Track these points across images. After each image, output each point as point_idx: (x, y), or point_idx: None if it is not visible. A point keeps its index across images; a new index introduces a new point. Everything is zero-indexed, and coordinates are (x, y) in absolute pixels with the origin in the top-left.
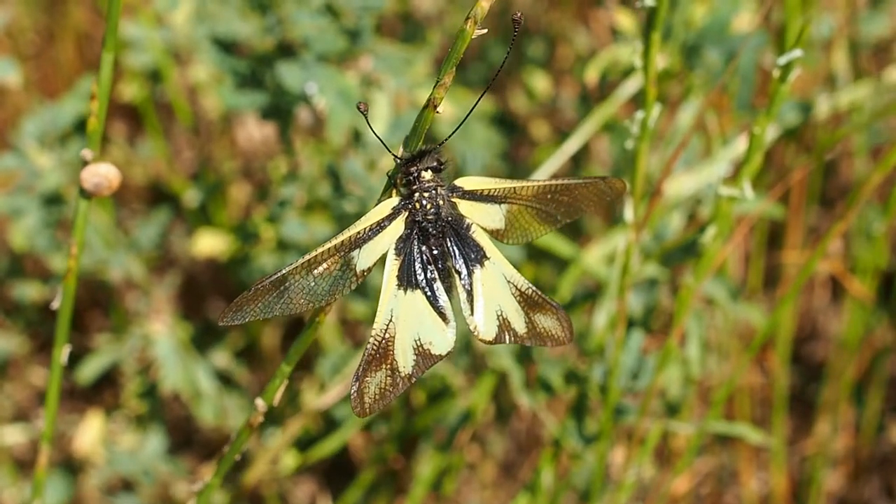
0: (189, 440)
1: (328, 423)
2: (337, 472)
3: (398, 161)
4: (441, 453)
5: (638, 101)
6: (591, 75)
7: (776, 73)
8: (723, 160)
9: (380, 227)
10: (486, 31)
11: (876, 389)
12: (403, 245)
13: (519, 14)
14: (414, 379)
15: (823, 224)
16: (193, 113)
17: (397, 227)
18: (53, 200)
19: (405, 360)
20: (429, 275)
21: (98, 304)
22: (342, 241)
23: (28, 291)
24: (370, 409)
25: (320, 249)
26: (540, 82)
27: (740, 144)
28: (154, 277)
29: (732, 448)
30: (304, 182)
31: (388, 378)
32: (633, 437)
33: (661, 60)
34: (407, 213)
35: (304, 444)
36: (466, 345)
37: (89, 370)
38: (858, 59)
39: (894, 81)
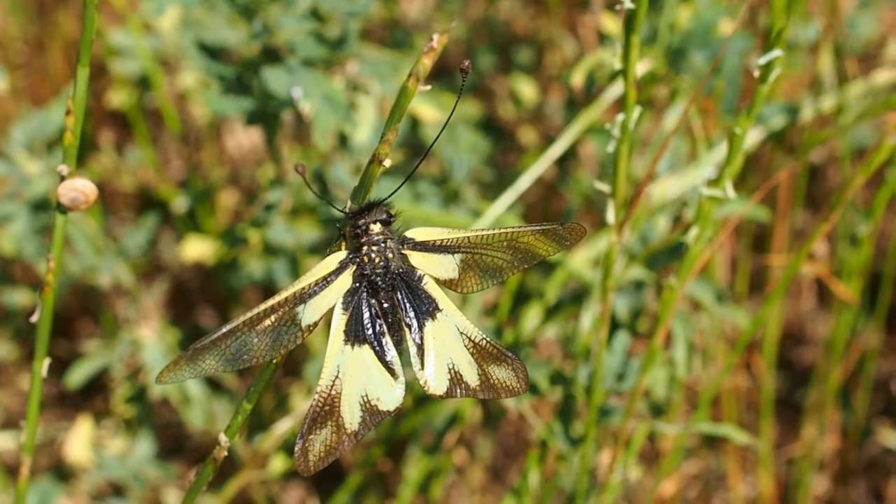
0: (179, 445)
1: None
2: (325, 476)
3: (345, 214)
4: (429, 456)
5: (622, 104)
6: (577, 79)
7: (757, 74)
8: (707, 163)
9: (326, 281)
10: (429, 87)
11: (862, 393)
12: (351, 299)
13: (467, 63)
14: (360, 436)
15: (810, 228)
16: (182, 120)
17: (344, 281)
18: (41, 207)
19: (351, 417)
20: (377, 329)
21: (87, 310)
22: (286, 297)
23: (17, 298)
24: (314, 466)
25: (263, 306)
26: (527, 89)
27: (725, 147)
28: (143, 284)
29: (719, 451)
30: (290, 187)
31: (334, 435)
32: (618, 439)
33: (646, 64)
34: (355, 267)
35: (292, 448)
36: None
37: (78, 376)
38: (844, 63)
39: (880, 84)
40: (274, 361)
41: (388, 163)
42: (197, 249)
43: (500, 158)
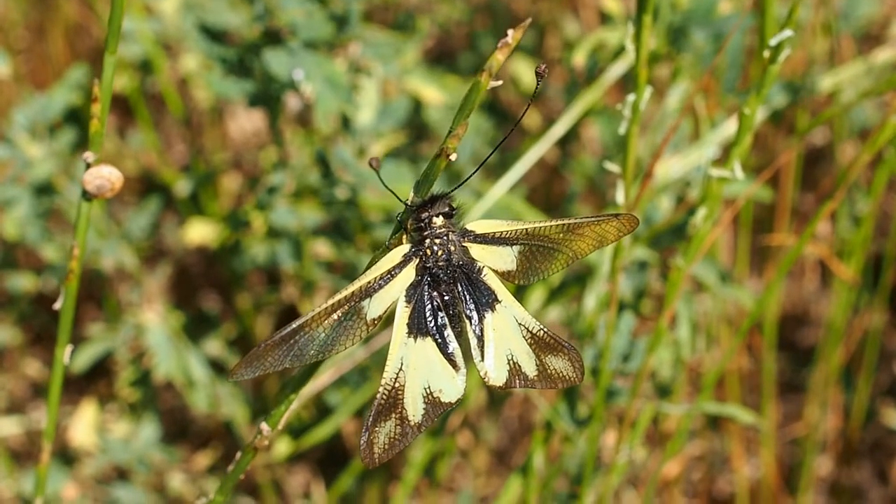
0: (183, 429)
1: (321, 410)
2: (330, 460)
3: (409, 207)
4: (433, 438)
5: (625, 84)
6: (579, 59)
7: (766, 54)
8: (711, 143)
9: (390, 275)
10: (500, 82)
11: (865, 373)
12: (414, 292)
13: (543, 66)
14: (423, 428)
15: (807, 208)
16: (184, 104)
17: (408, 275)
18: (44, 190)
19: (415, 409)
20: (439, 321)
21: (91, 294)
22: (353, 292)
23: (21, 283)
24: (380, 459)
25: (331, 301)
26: (527, 72)
27: (729, 127)
28: (146, 267)
29: (723, 432)
30: (293, 170)
31: (398, 427)
32: (624, 420)
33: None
34: (418, 260)
35: (297, 431)
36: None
37: (83, 360)
38: (847, 43)
39: (882, 63)
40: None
41: (454, 157)
42: (200, 233)
43: (504, 141)
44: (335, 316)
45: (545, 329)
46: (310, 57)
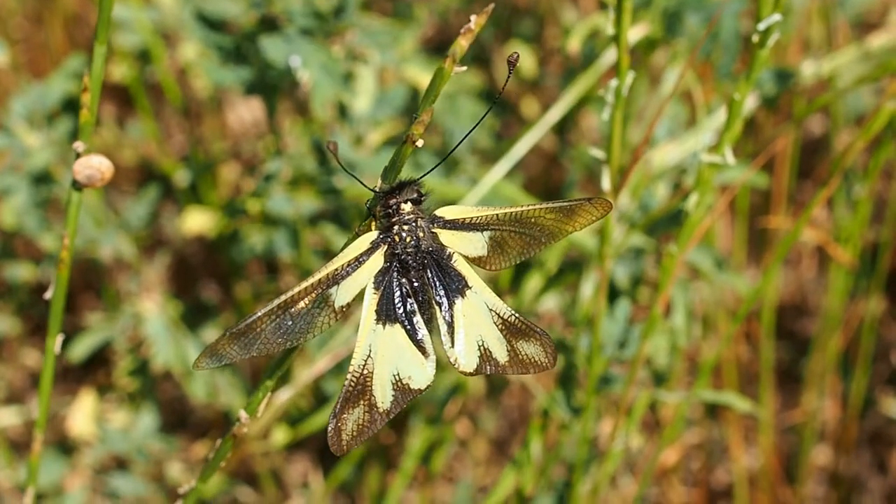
0: (182, 418)
1: (318, 399)
2: (329, 449)
3: (377, 193)
4: (431, 425)
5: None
6: (573, 45)
7: (755, 39)
8: (707, 129)
9: (358, 262)
10: (465, 68)
11: (863, 361)
12: (382, 278)
13: (516, 55)
14: (392, 415)
15: (802, 195)
16: (183, 94)
17: (376, 261)
18: (42, 179)
19: (383, 396)
20: (408, 308)
21: (89, 284)
22: (319, 279)
23: (19, 272)
24: (348, 445)
25: (297, 288)
26: (526, 60)
27: (723, 113)
28: (145, 257)
29: (721, 421)
30: (290, 158)
31: (367, 414)
32: (620, 407)
33: (642, 28)
34: (386, 247)
35: (295, 420)
36: None
37: (81, 349)
38: (844, 30)
39: (878, 48)
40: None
41: (420, 143)
42: (198, 222)
43: (503, 130)
44: (302, 304)
45: (516, 315)
46: (306, 44)
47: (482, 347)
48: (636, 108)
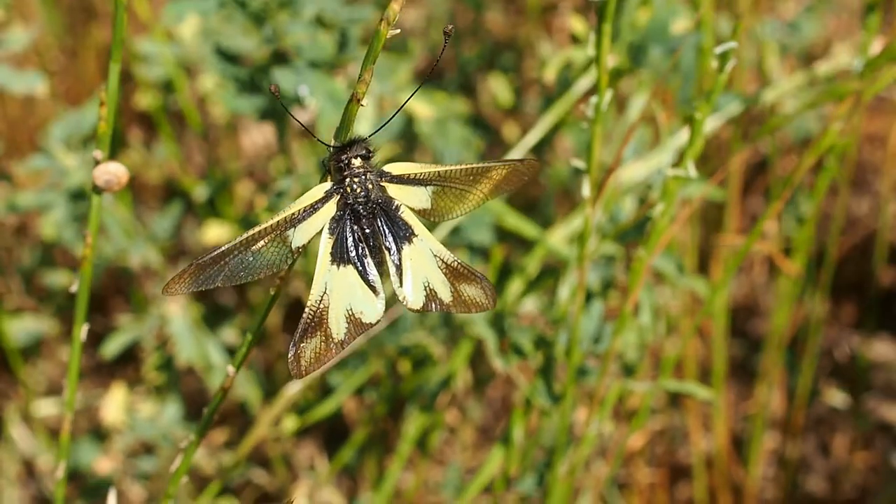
0: (203, 409)
1: (324, 391)
2: (333, 434)
3: (330, 149)
4: (424, 413)
5: (592, 94)
6: (549, 74)
7: (714, 64)
8: (669, 148)
9: (313, 208)
10: (399, 31)
11: (809, 358)
12: (336, 225)
13: (450, 27)
14: (345, 345)
15: (754, 209)
16: (203, 120)
17: (330, 209)
18: (78, 196)
19: (338, 328)
20: (360, 251)
21: (120, 289)
22: (278, 221)
23: (57, 279)
24: (306, 370)
25: (257, 228)
26: (503, 91)
27: (684, 135)
28: (169, 265)
29: (682, 409)
30: (299, 176)
31: (322, 344)
32: (594, 397)
33: (611, 58)
34: (339, 197)
35: (303, 409)
36: (446, 318)
37: (113, 347)
38: (791, 61)
39: (822, 76)
40: (272, 293)
41: (365, 101)
42: (216, 234)
43: (487, 151)
44: (262, 243)
45: (459, 261)
46: (313, 75)
47: (428, 288)
48: (605, 129)
